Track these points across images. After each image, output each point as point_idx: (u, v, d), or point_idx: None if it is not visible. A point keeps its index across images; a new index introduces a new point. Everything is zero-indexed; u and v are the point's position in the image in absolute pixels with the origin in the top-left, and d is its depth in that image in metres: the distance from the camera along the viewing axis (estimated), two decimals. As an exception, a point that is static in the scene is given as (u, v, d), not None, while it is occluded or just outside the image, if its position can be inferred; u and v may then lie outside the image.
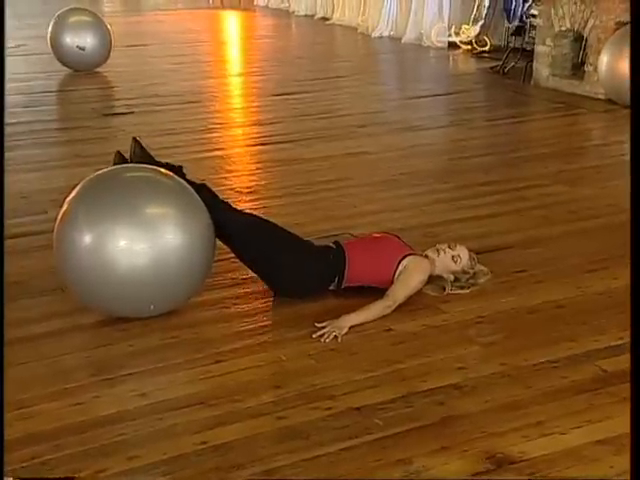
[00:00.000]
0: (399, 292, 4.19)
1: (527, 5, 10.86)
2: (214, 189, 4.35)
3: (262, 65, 11.92)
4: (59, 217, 3.91)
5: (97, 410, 3.34)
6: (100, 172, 4.05)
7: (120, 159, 4.24)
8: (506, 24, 11.41)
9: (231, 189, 5.62)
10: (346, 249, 4.28)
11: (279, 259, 4.18)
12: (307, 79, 10.35)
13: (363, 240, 4.50)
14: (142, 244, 3.79)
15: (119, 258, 3.77)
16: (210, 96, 9.26)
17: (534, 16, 10.56)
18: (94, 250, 3.78)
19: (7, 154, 6.90)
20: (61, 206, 3.95)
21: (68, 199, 3.93)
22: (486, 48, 12.62)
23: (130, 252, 3.78)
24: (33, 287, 4.42)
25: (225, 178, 6.17)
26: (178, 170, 4.19)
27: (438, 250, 4.42)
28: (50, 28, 10.26)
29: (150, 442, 3.14)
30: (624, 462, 3.01)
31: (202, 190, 4.18)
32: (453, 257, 4.40)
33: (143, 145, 4.33)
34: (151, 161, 4.22)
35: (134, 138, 4.36)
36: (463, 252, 4.45)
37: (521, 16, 10.92)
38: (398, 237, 4.49)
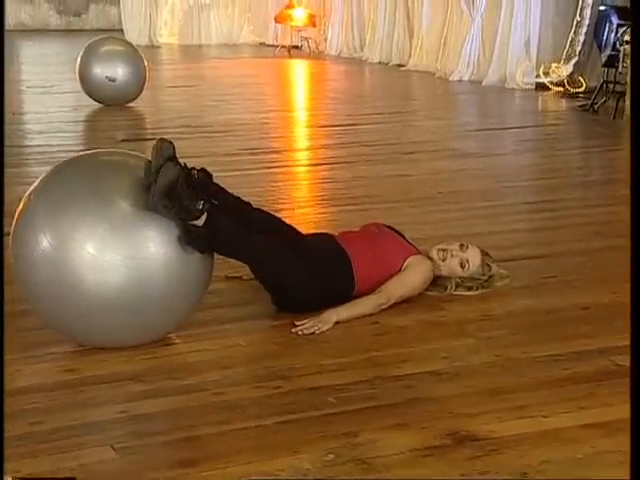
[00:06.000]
0: (394, 289, 4.16)
1: (621, 31, 10.84)
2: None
3: (315, 102, 12.17)
4: (16, 215, 3.58)
5: (15, 382, 3.39)
6: (72, 157, 3.86)
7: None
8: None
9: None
10: (353, 263, 4.17)
11: (291, 287, 4.10)
12: (362, 114, 10.50)
13: (365, 242, 4.30)
14: (116, 254, 3.43)
15: (85, 271, 3.43)
16: (247, 127, 9.46)
17: (628, 42, 10.54)
18: (54, 260, 3.43)
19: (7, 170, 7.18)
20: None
21: (28, 192, 3.61)
22: (581, 89, 12.53)
23: (100, 264, 3.42)
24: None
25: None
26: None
27: (445, 251, 4.35)
28: (79, 59, 10.67)
29: (62, 411, 3.18)
30: (611, 444, 2.96)
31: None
32: (461, 262, 4.33)
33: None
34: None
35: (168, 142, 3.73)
36: (474, 256, 4.37)
37: (614, 44, 10.90)
38: (400, 233, 4.47)
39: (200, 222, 3.61)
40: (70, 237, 3.43)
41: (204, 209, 3.62)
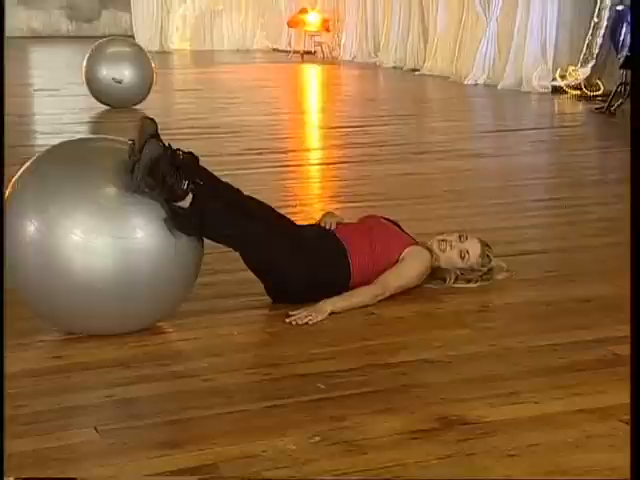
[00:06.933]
0: (390, 280, 4.18)
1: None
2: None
3: (326, 105, 12.28)
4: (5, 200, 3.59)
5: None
6: (57, 143, 3.93)
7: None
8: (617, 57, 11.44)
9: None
10: (349, 254, 4.19)
11: (285, 277, 4.13)
12: (372, 116, 10.56)
13: (362, 233, 4.32)
14: (103, 237, 3.47)
15: (73, 255, 3.48)
16: (254, 128, 9.51)
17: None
18: (41, 245, 3.48)
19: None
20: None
21: (16, 177, 3.66)
22: (599, 93, 12.49)
23: (87, 248, 3.47)
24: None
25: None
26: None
27: (445, 242, 4.37)
28: (85, 61, 10.76)
29: (47, 395, 3.22)
30: (602, 428, 2.98)
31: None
32: (461, 253, 4.36)
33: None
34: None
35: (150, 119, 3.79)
36: (473, 246, 4.40)
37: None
38: (398, 225, 4.50)
39: (186, 203, 3.64)
40: (57, 222, 3.48)
41: (189, 189, 3.64)
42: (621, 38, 11.27)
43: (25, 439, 2.89)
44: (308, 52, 20.10)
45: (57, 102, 11.82)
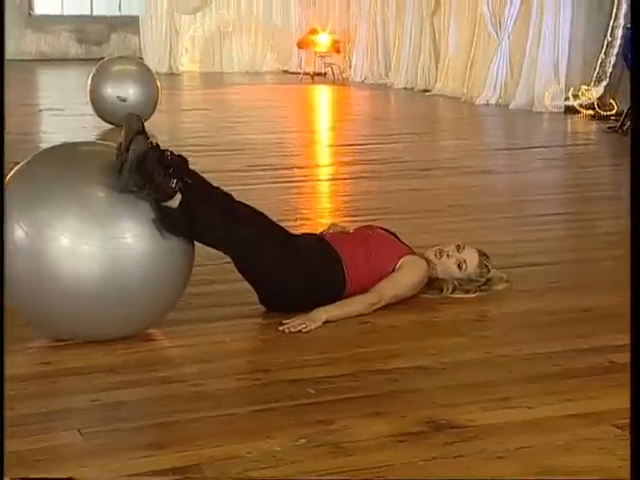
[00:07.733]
0: (387, 290, 4.20)
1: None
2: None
3: (334, 124, 12.33)
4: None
5: (-11, 373, 3.47)
6: (49, 147, 3.99)
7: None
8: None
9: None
10: (344, 262, 4.21)
11: (279, 285, 4.15)
12: (380, 134, 10.60)
13: (357, 242, 4.35)
14: (93, 240, 3.50)
15: (62, 259, 3.52)
16: (260, 146, 9.55)
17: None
18: (29, 249, 3.51)
19: None
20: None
21: (5, 180, 3.63)
22: (612, 112, 12.50)
23: (76, 255, 3.51)
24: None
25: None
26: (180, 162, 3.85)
27: (441, 252, 4.39)
28: (90, 79, 10.87)
29: (33, 399, 3.24)
30: (593, 432, 3.01)
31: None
32: (458, 263, 4.37)
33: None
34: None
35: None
36: (471, 256, 4.41)
37: (644, 60, 10.94)
38: (395, 234, 4.52)
39: (175, 203, 3.66)
40: (47, 226, 3.51)
41: (177, 188, 3.67)
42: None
43: (7, 441, 2.90)
44: (318, 73, 20.18)
45: (62, 121, 11.91)
